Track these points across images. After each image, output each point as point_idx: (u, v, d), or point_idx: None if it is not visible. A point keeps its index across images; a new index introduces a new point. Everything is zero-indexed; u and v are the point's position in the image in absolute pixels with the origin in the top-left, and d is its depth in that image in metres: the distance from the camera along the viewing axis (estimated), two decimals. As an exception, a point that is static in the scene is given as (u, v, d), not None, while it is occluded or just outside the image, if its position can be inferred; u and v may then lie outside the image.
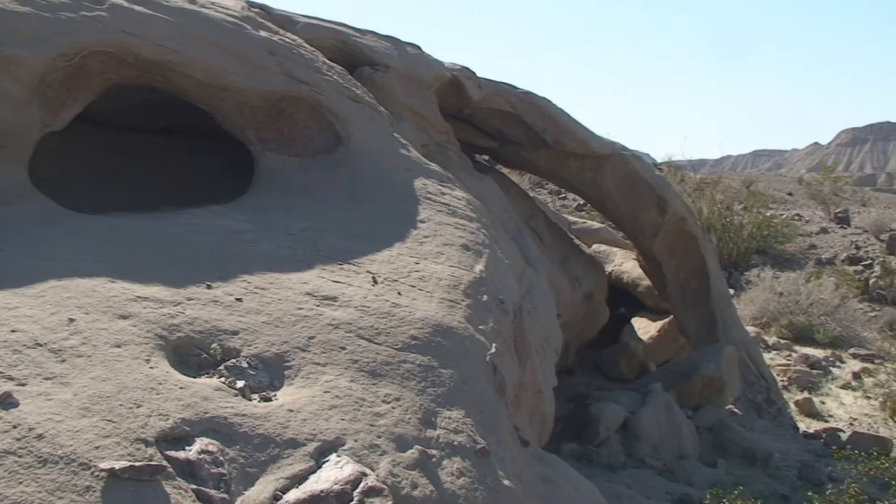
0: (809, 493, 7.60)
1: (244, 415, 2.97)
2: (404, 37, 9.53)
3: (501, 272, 5.65)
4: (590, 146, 11.24)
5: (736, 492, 6.87)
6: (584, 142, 11.13)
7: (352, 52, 8.43)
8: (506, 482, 3.53)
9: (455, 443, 3.40)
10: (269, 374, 3.35)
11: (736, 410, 11.61)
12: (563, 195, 33.90)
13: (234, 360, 3.32)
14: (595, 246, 15.19)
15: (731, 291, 22.00)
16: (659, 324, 13.95)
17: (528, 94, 10.58)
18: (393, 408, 3.36)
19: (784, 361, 15.80)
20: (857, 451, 8.14)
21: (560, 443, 8.79)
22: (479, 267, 5.19)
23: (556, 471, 4.77)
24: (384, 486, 2.88)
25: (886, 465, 7.80)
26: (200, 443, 2.76)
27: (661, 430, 9.28)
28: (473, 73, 9.92)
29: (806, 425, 12.02)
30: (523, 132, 10.84)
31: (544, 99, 10.78)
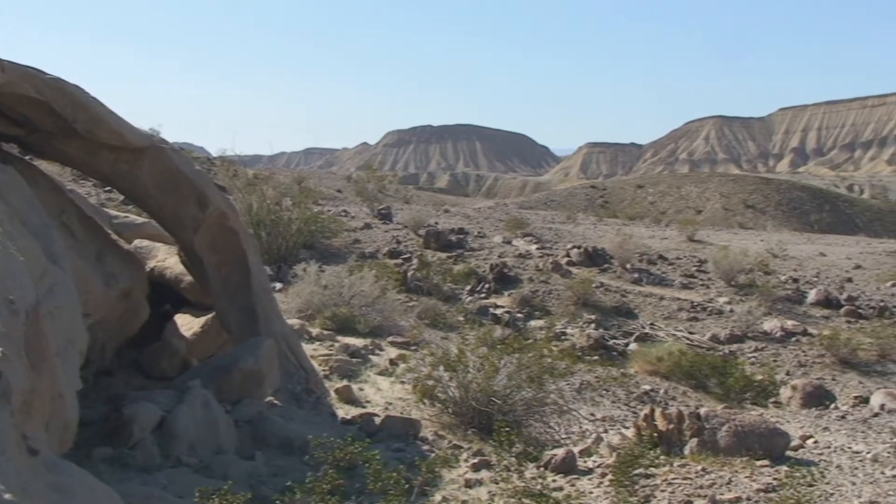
0: (289, 483, 7.92)
1: None
2: None
3: (14, 271, 5.29)
4: (125, 137, 10.78)
5: (225, 487, 6.98)
6: (119, 133, 10.65)
7: None
8: (7, 496, 3.33)
9: (-61, 459, 3.13)
10: None
11: (276, 402, 11.89)
12: (109, 188, 32.67)
13: None
14: (137, 241, 14.73)
15: (280, 285, 22.66)
16: (202, 319, 13.88)
17: (58, 80, 9.89)
18: None
19: (326, 351, 16.49)
20: (332, 439, 8.64)
21: (93, 447, 8.43)
22: (-17, 266, 4.82)
23: (71, 478, 4.57)
24: None
25: (359, 449, 8.43)
26: None
27: (199, 427, 9.24)
28: (-7, 54, 9.10)
29: (345, 412, 12.59)
30: (52, 121, 10.10)
31: (75, 86, 10.13)
